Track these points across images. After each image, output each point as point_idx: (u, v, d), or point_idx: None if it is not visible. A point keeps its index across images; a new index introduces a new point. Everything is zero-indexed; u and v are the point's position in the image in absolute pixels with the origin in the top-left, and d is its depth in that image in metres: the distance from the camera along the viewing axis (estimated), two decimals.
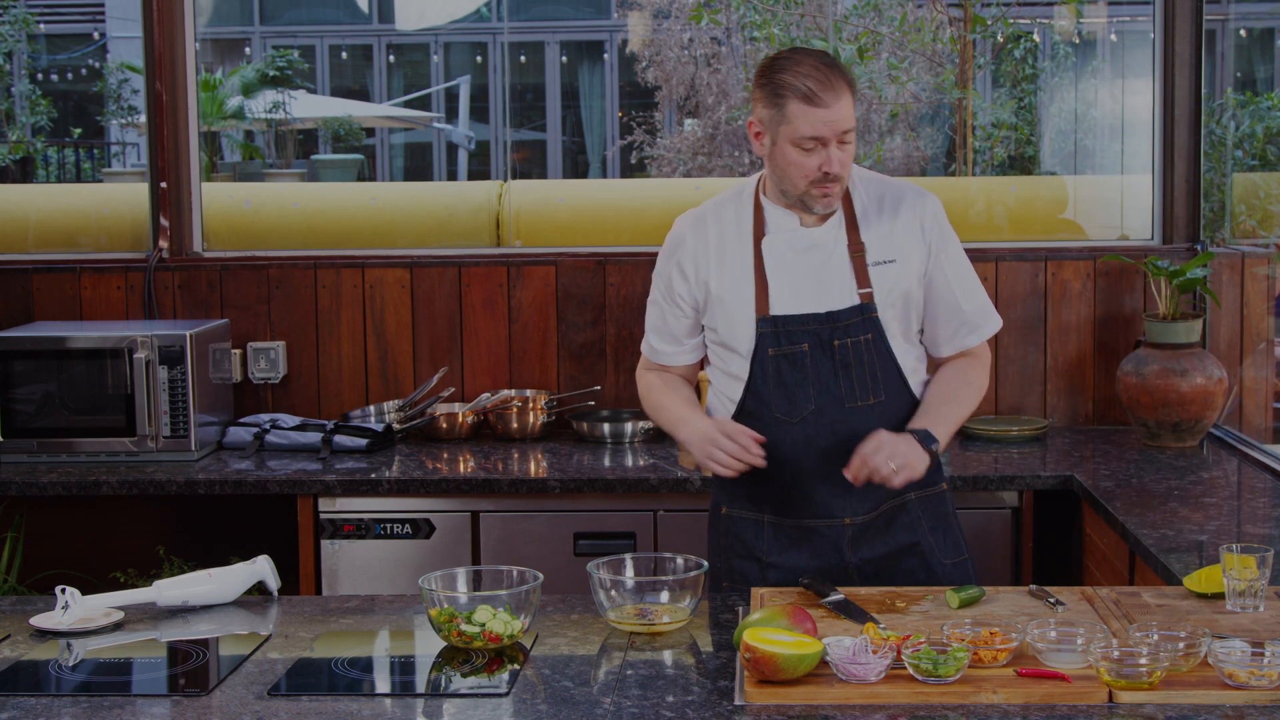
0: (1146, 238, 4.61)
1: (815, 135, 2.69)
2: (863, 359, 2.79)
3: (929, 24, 9.48)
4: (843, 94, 2.69)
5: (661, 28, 12.50)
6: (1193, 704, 2.08)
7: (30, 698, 2.26)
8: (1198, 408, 4.04)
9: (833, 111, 2.68)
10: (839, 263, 2.80)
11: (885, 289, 2.80)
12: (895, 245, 2.81)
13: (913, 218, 2.83)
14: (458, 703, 2.22)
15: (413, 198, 5.71)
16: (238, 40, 15.92)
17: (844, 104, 2.69)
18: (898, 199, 2.85)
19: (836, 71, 2.71)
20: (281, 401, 4.57)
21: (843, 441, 2.77)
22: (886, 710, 2.10)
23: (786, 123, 2.71)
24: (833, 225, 2.82)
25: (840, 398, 2.79)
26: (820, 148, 2.70)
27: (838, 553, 2.83)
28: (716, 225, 2.88)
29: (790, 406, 2.80)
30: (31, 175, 13.13)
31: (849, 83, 2.72)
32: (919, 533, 2.86)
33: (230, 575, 2.75)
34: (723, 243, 2.86)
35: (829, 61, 2.72)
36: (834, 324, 2.78)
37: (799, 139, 2.70)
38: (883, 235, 2.82)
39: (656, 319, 2.98)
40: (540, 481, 3.88)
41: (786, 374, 2.80)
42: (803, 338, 2.79)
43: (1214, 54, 9.66)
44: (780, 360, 2.80)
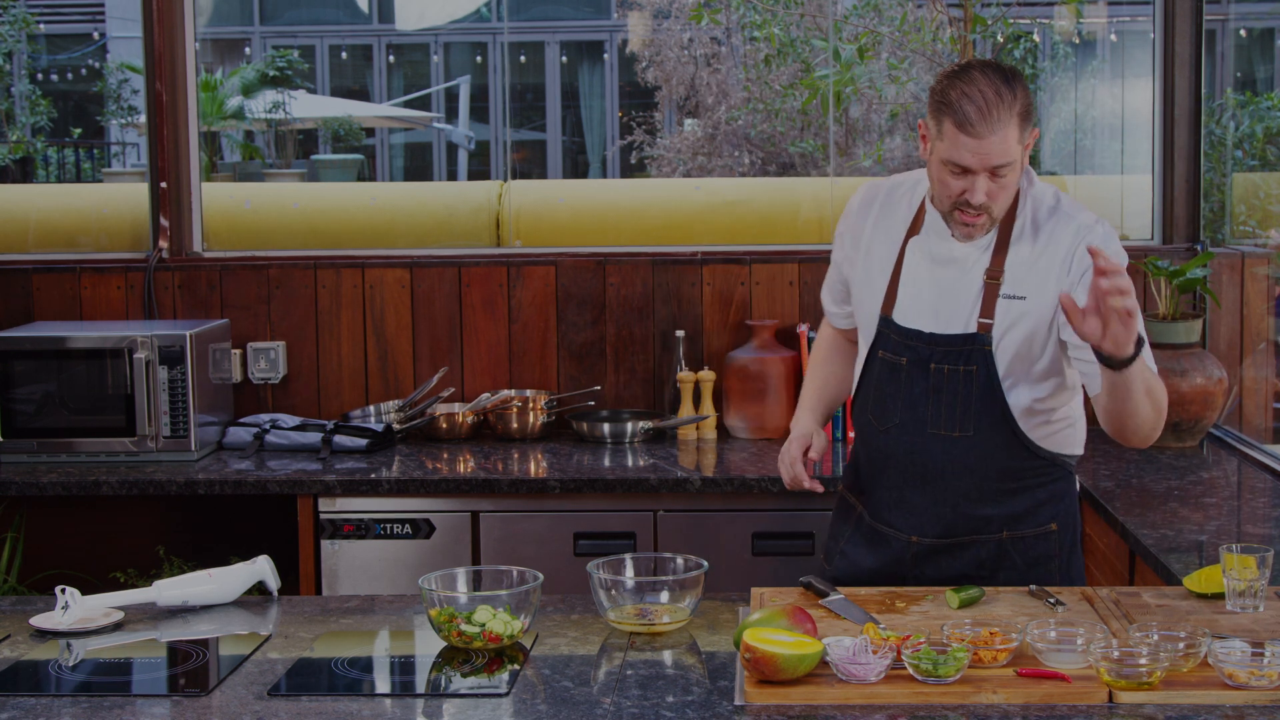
0: (1146, 238, 4.61)
1: (961, 163, 2.58)
2: (958, 388, 2.70)
3: (929, 24, 9.48)
4: (1003, 126, 2.54)
5: (661, 28, 12.50)
6: (1193, 704, 2.08)
7: (30, 698, 2.26)
8: (1198, 408, 4.04)
9: (985, 144, 2.55)
10: (970, 286, 2.70)
11: (1006, 324, 2.67)
12: (1033, 280, 2.67)
13: (1069, 248, 2.66)
14: (458, 703, 2.22)
15: (413, 198, 5.71)
16: (238, 40, 15.93)
17: (1002, 137, 2.54)
18: (1062, 225, 2.69)
19: (1005, 99, 2.55)
20: (281, 401, 4.57)
21: (920, 465, 2.73)
22: (886, 710, 2.10)
23: (940, 139, 2.60)
24: (980, 244, 2.70)
25: (924, 420, 2.72)
26: (967, 175, 2.59)
27: (899, 564, 2.80)
28: (884, 207, 2.83)
29: (880, 413, 2.78)
30: (31, 175, 13.13)
31: (1019, 112, 2.56)
32: (988, 570, 2.76)
33: (230, 575, 2.75)
34: (879, 228, 2.82)
35: (1001, 84, 2.56)
36: (935, 347, 2.71)
37: (947, 160, 2.60)
38: (1025, 265, 2.68)
39: (832, 278, 2.98)
40: (540, 481, 3.88)
41: (884, 380, 2.77)
42: (904, 351, 2.74)
43: (1214, 54, 9.66)
44: (883, 365, 2.77)
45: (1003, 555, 2.78)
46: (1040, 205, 2.72)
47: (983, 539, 2.77)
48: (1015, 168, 2.60)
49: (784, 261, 4.46)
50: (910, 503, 2.78)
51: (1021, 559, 2.78)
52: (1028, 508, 2.77)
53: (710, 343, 4.48)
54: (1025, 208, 2.71)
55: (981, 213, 2.63)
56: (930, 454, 2.73)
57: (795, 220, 4.97)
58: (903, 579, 2.79)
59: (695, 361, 4.47)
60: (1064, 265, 2.66)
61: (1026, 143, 2.61)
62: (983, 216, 2.64)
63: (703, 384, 4.37)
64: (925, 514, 2.77)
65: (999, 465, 2.73)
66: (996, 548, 2.77)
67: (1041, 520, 2.79)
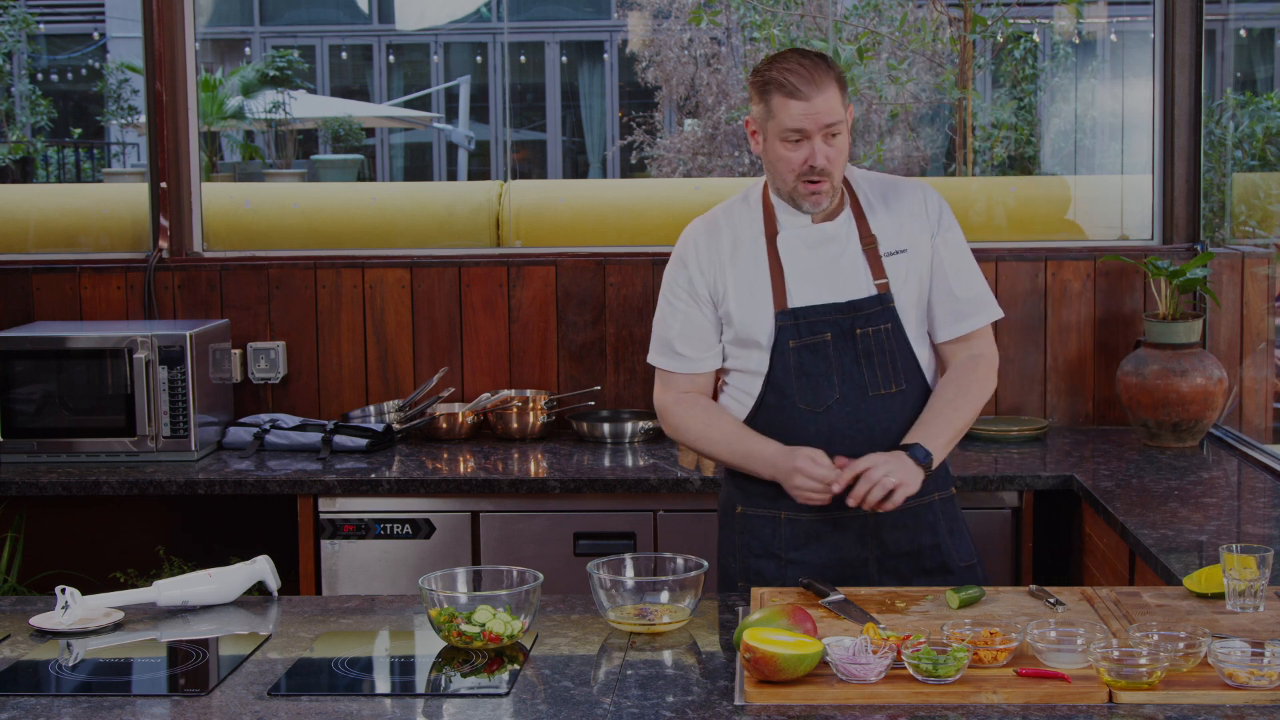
0: (1146, 238, 4.61)
1: (797, 127, 2.73)
2: (884, 347, 2.82)
3: (929, 24, 9.48)
4: (826, 87, 2.72)
5: (661, 28, 12.50)
6: (1193, 704, 2.08)
7: (30, 698, 2.26)
8: (1198, 408, 4.04)
9: (814, 104, 2.71)
10: (853, 255, 2.84)
11: (900, 279, 2.83)
12: (904, 236, 2.86)
13: (916, 208, 2.88)
14: (458, 703, 2.22)
15: (413, 198, 5.71)
16: (238, 40, 15.92)
17: (827, 97, 2.72)
18: (899, 192, 2.90)
19: (822, 66, 2.74)
20: (281, 401, 4.57)
21: (866, 431, 2.80)
22: (886, 710, 2.10)
23: (772, 117, 2.76)
24: (844, 219, 2.85)
25: (864, 386, 2.81)
26: (805, 141, 2.74)
27: (860, 546, 2.83)
28: (729, 227, 2.90)
29: (814, 397, 2.81)
30: (31, 175, 13.13)
31: (836, 77, 2.75)
32: (939, 534, 2.87)
33: (230, 575, 2.75)
34: (736, 243, 2.88)
35: (815, 57, 2.76)
36: (855, 313, 2.80)
37: (783, 132, 2.75)
38: (891, 227, 2.86)
39: (682, 326, 2.91)
40: (540, 481, 3.88)
41: (809, 364, 2.80)
42: (825, 328, 2.80)
43: (1214, 54, 9.66)
44: (802, 351, 2.80)
45: (935, 522, 2.87)
46: (868, 180, 2.92)
47: (925, 501, 2.84)
48: (844, 131, 2.77)
49: None
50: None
51: (945, 524, 2.88)
52: (941, 470, 2.90)
53: None
54: (859, 185, 2.91)
55: (823, 178, 2.77)
56: (875, 416, 2.81)
57: None
58: (864, 563, 2.82)
59: None
60: (923, 220, 2.87)
61: (847, 116, 2.79)
62: (825, 182, 2.78)
63: None
64: None
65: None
66: (936, 510, 2.87)
67: (946, 484, 2.93)
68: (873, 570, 2.82)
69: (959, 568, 2.87)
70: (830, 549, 2.83)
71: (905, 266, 2.84)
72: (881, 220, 2.86)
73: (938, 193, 2.93)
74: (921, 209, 2.88)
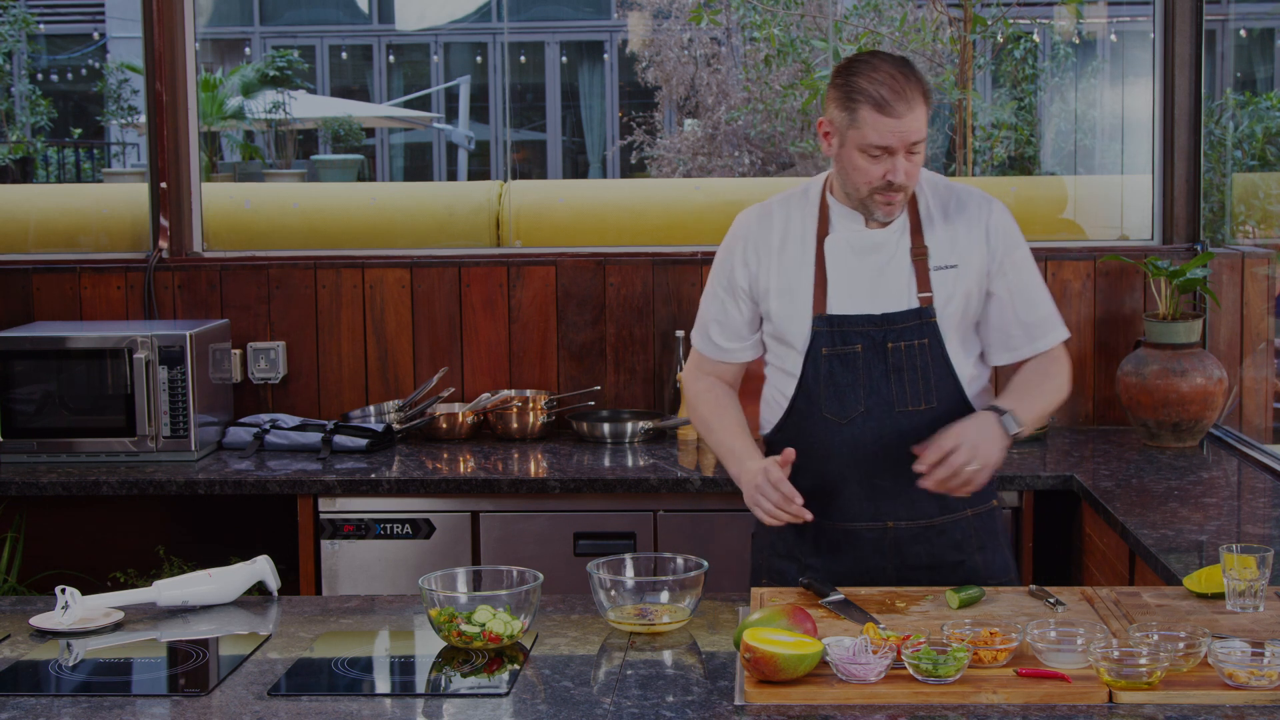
0: (1146, 238, 4.61)
1: (884, 145, 2.65)
2: (916, 363, 2.75)
3: (929, 24, 9.48)
4: (916, 105, 2.65)
5: (661, 28, 12.51)
6: (1193, 704, 2.08)
7: (30, 698, 2.26)
8: (1198, 408, 4.04)
9: (904, 122, 2.64)
10: (900, 265, 2.77)
11: (945, 294, 2.76)
12: (958, 250, 2.77)
13: (978, 223, 2.79)
14: (458, 703, 2.22)
15: (413, 198, 5.72)
16: (238, 40, 15.93)
17: (917, 115, 2.65)
18: (963, 204, 2.81)
19: (912, 81, 2.66)
20: (281, 401, 4.57)
21: (890, 447, 2.75)
22: (886, 710, 2.10)
23: (856, 128, 2.66)
24: (896, 228, 2.78)
25: (890, 401, 2.75)
26: (887, 156, 2.66)
27: (879, 556, 2.80)
28: (781, 220, 2.85)
29: (840, 407, 2.78)
30: (31, 175, 13.13)
31: (924, 93, 2.68)
32: (966, 551, 2.81)
33: (230, 575, 2.75)
34: (785, 238, 2.83)
35: (906, 70, 2.67)
36: (889, 326, 2.75)
37: (867, 146, 2.66)
38: (946, 240, 2.78)
39: (718, 312, 2.92)
40: (540, 481, 3.88)
41: (838, 374, 2.77)
42: (856, 339, 2.76)
43: (1214, 54, 9.66)
44: (833, 360, 2.77)
45: (964, 539, 2.82)
46: (935, 187, 2.84)
47: (953, 518, 2.81)
48: (924, 145, 2.72)
49: None
50: (882, 489, 2.79)
51: (976, 540, 2.83)
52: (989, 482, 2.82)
53: None
54: (924, 191, 2.82)
55: (902, 191, 2.71)
56: (900, 432, 2.76)
57: None
58: (884, 574, 2.80)
59: None
60: (983, 237, 2.79)
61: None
62: (901, 194, 2.72)
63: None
64: (898, 498, 2.78)
65: None
66: (966, 526, 2.82)
67: (987, 496, 2.86)
68: (892, 580, 2.79)
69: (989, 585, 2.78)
70: (850, 557, 2.82)
71: (953, 282, 2.76)
72: (938, 232, 2.78)
73: (1004, 206, 2.84)
74: (982, 226, 2.79)
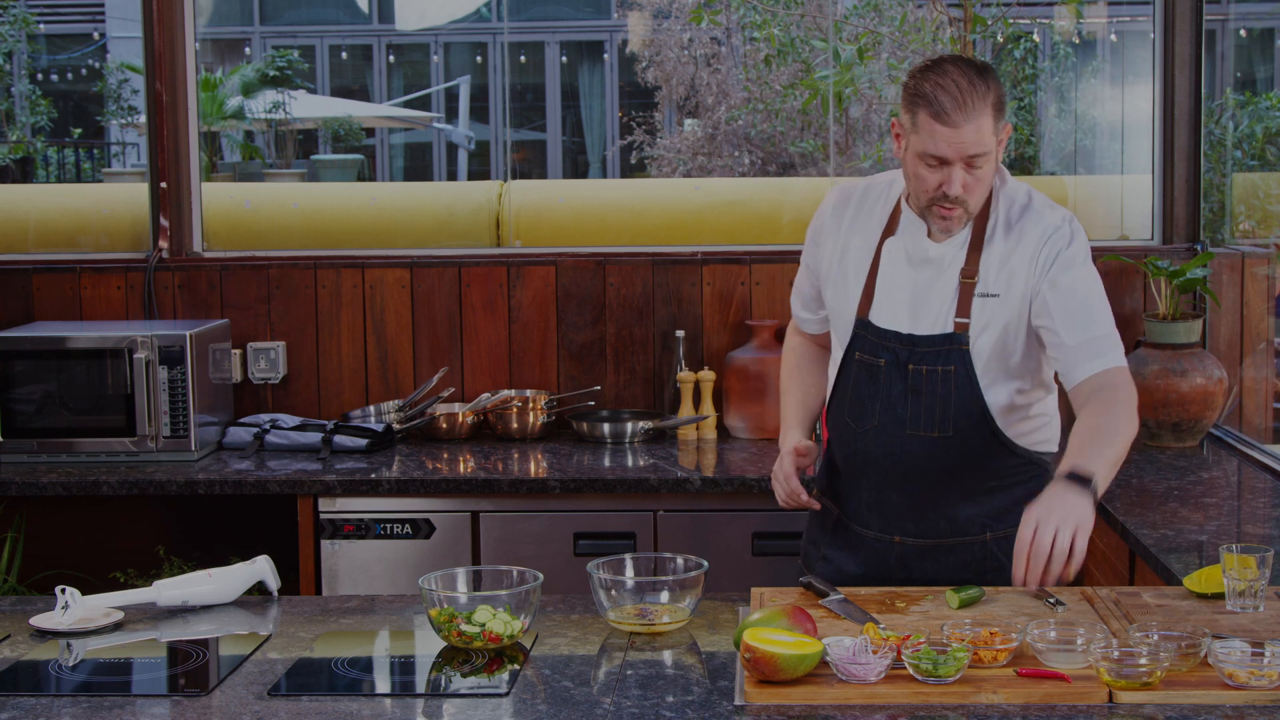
0: (1146, 238, 4.61)
1: (938, 154, 2.58)
2: (937, 389, 2.69)
3: (929, 24, 9.48)
4: (978, 114, 2.55)
5: (661, 28, 12.50)
6: (1193, 704, 2.08)
7: (30, 698, 2.26)
8: (1198, 408, 4.04)
9: (960, 133, 2.56)
10: (947, 286, 2.70)
11: (982, 323, 2.68)
12: (1006, 276, 2.68)
13: (1035, 248, 2.68)
14: (458, 703, 2.22)
15: (413, 198, 5.71)
16: (238, 40, 15.92)
17: (977, 126, 2.56)
18: (1028, 226, 2.70)
19: (979, 87, 2.56)
20: (281, 401, 4.57)
21: (899, 466, 2.73)
22: (886, 710, 2.10)
23: (915, 133, 2.61)
24: (956, 243, 2.70)
25: (904, 421, 2.72)
26: (943, 166, 2.60)
27: (884, 566, 2.80)
28: (858, 208, 2.81)
29: (858, 415, 2.77)
30: (31, 175, 13.13)
31: (994, 101, 2.58)
32: (976, 571, 2.76)
33: (230, 575, 2.75)
34: (854, 229, 2.80)
35: (975, 73, 2.58)
36: (914, 348, 2.70)
37: (923, 153, 2.60)
38: (1000, 262, 2.68)
39: (799, 281, 2.96)
40: (540, 481, 3.88)
41: (861, 382, 2.76)
42: (882, 352, 2.73)
43: (1214, 54, 9.66)
44: (860, 366, 2.76)
45: (987, 556, 2.77)
46: (1013, 203, 2.73)
47: (967, 540, 2.77)
48: (990, 160, 2.61)
49: (784, 261, 4.45)
50: (890, 504, 2.77)
51: (992, 562, 2.77)
52: (1007, 506, 2.76)
53: (710, 343, 4.48)
54: (998, 206, 2.72)
55: (958, 205, 2.63)
56: (910, 454, 2.72)
57: (795, 220, 4.96)
58: (888, 581, 2.78)
59: (695, 361, 4.47)
60: (1037, 261, 2.67)
61: (1000, 137, 2.63)
62: (959, 209, 2.64)
63: (703, 384, 4.37)
64: (906, 515, 2.77)
65: (978, 465, 2.73)
66: (981, 549, 2.78)
67: (1014, 520, 2.72)
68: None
69: None
70: (860, 560, 2.82)
71: (993, 311, 2.67)
72: (995, 251, 2.68)
73: (1075, 229, 2.69)
74: (1039, 250, 2.66)
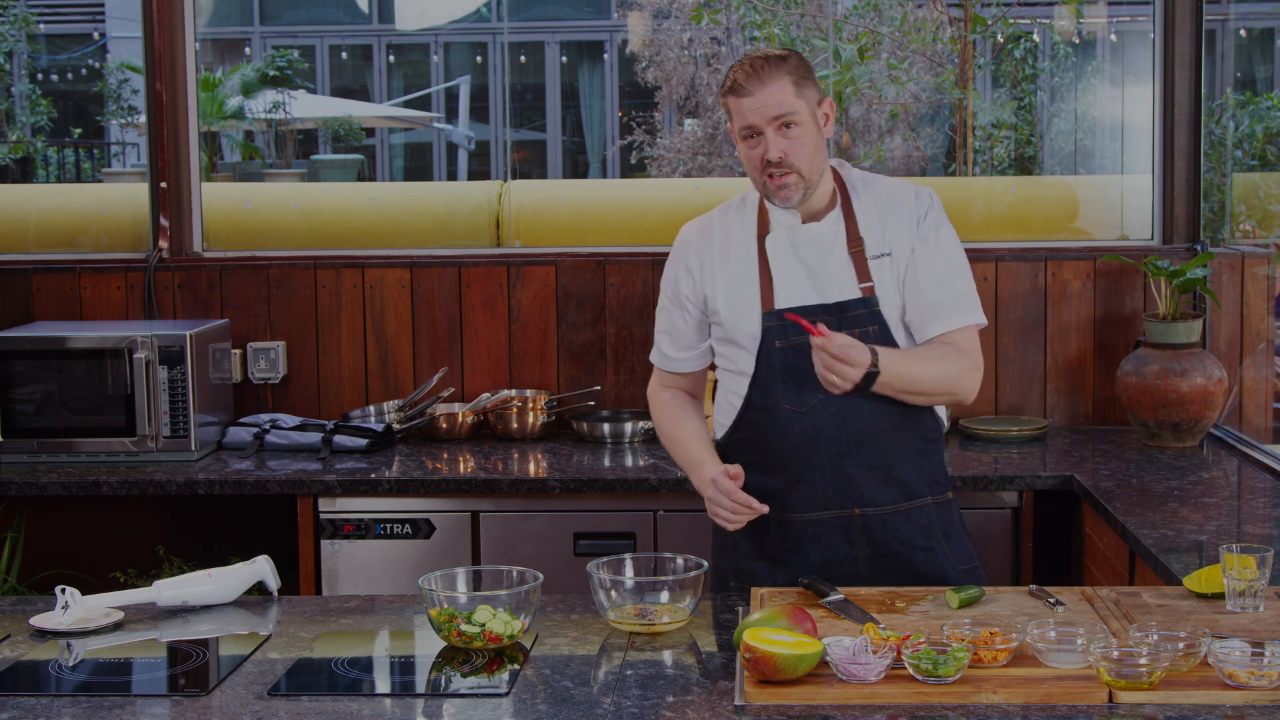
0: (1146, 238, 4.61)
1: (747, 124, 2.75)
2: None
3: (929, 24, 9.48)
4: (771, 80, 2.73)
5: (661, 28, 12.50)
6: (1193, 704, 2.08)
7: (30, 698, 2.26)
8: (1198, 408, 4.04)
9: (758, 98, 2.72)
10: (839, 257, 2.82)
11: (884, 283, 2.82)
12: (888, 239, 2.83)
13: (908, 212, 2.85)
14: (458, 703, 2.22)
15: (413, 198, 5.71)
16: (238, 40, 15.92)
17: (772, 90, 2.72)
18: (891, 194, 2.88)
19: (773, 61, 2.74)
20: (281, 401, 4.57)
21: (852, 431, 2.79)
22: (886, 710, 2.10)
23: (730, 119, 2.79)
24: (832, 221, 2.84)
25: None
26: (759, 137, 2.75)
27: (849, 545, 2.82)
28: (722, 228, 2.93)
29: (798, 397, 2.80)
30: (31, 175, 13.13)
31: (790, 70, 2.74)
32: (933, 537, 2.85)
33: (230, 575, 2.75)
34: (727, 243, 2.90)
35: (768, 56, 2.76)
36: (842, 314, 2.79)
37: (740, 131, 2.77)
38: (878, 229, 2.84)
39: (666, 323, 3.00)
40: (540, 481, 3.88)
41: (793, 365, 2.80)
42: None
43: (1214, 54, 9.66)
44: (787, 352, 2.81)
45: (929, 525, 2.85)
46: (865, 180, 2.90)
47: (916, 505, 2.84)
48: (804, 123, 2.75)
49: None
50: (848, 475, 2.81)
51: (940, 528, 2.86)
52: (936, 472, 2.87)
53: None
54: (853, 185, 2.88)
55: (788, 170, 2.76)
56: (861, 416, 2.79)
57: None
58: (854, 561, 2.82)
59: None
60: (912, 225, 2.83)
61: (819, 111, 2.78)
62: (791, 174, 2.77)
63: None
64: (863, 482, 2.81)
65: (912, 421, 2.83)
66: (927, 515, 2.85)
67: (943, 488, 2.89)
68: (863, 569, 2.82)
69: (957, 571, 2.85)
70: (821, 549, 2.83)
71: (889, 271, 2.82)
72: (870, 222, 2.84)
73: (931, 193, 2.89)
74: (910, 212, 2.85)
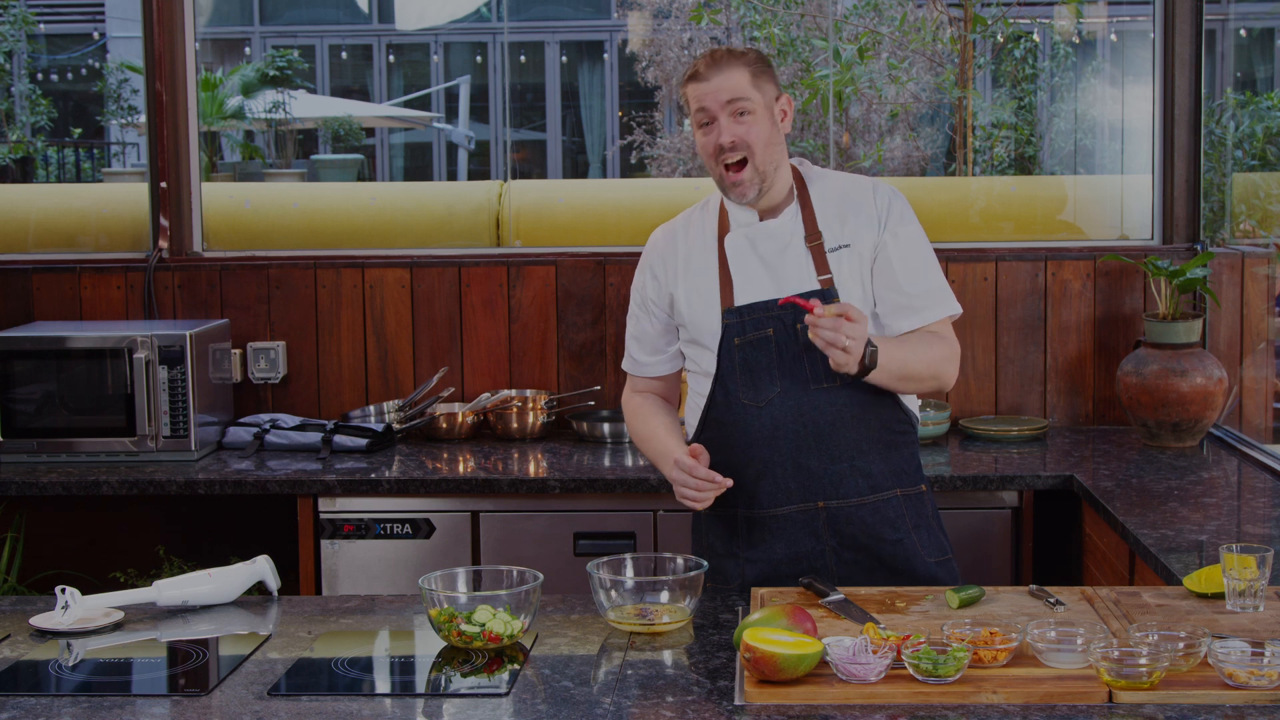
0: (1146, 238, 4.61)
1: (700, 107, 2.80)
2: None
3: (929, 24, 9.48)
4: (726, 67, 2.79)
5: (661, 28, 12.49)
6: (1193, 704, 2.09)
7: (30, 698, 2.26)
8: (1198, 408, 4.04)
9: (712, 84, 2.78)
10: (797, 251, 2.85)
11: (844, 274, 2.84)
12: (847, 231, 2.85)
13: (869, 206, 2.87)
14: (458, 703, 2.22)
15: (413, 198, 5.71)
16: (238, 40, 15.92)
17: (727, 76, 2.78)
18: (849, 188, 2.91)
19: (732, 53, 2.81)
20: (281, 401, 4.57)
21: (810, 423, 2.81)
22: (886, 710, 2.10)
23: (688, 107, 2.84)
24: (790, 215, 2.88)
25: (805, 379, 2.81)
26: (713, 123, 2.79)
27: (814, 538, 2.83)
28: (684, 232, 2.98)
29: (756, 392, 2.83)
30: (31, 175, 13.13)
31: (747, 62, 2.80)
32: (901, 530, 2.85)
33: (230, 575, 2.75)
34: (690, 246, 2.94)
35: (728, 49, 2.84)
36: (797, 309, 2.80)
37: (694, 117, 2.82)
38: (836, 222, 2.86)
39: (635, 329, 3.04)
40: (540, 481, 3.88)
41: (752, 360, 2.83)
42: (767, 323, 2.83)
43: (1214, 54, 9.65)
44: (745, 348, 2.84)
45: (898, 518, 2.85)
46: (825, 176, 2.94)
47: (883, 497, 2.85)
48: (757, 112, 2.80)
49: None
50: (808, 469, 2.81)
51: (910, 520, 2.86)
52: (906, 464, 2.88)
53: None
54: (811, 180, 2.93)
55: (742, 163, 2.80)
56: (818, 409, 2.81)
57: None
58: (822, 554, 2.82)
59: None
60: (874, 217, 2.86)
61: (776, 106, 2.83)
62: (745, 168, 2.81)
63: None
64: (824, 475, 2.82)
65: (878, 412, 2.84)
66: (896, 506, 2.85)
67: (915, 481, 2.90)
68: (831, 562, 2.82)
69: (927, 563, 2.85)
70: (786, 543, 2.84)
71: (848, 263, 2.84)
72: (828, 216, 2.87)
73: (892, 189, 2.91)
74: (870, 205, 2.87)
